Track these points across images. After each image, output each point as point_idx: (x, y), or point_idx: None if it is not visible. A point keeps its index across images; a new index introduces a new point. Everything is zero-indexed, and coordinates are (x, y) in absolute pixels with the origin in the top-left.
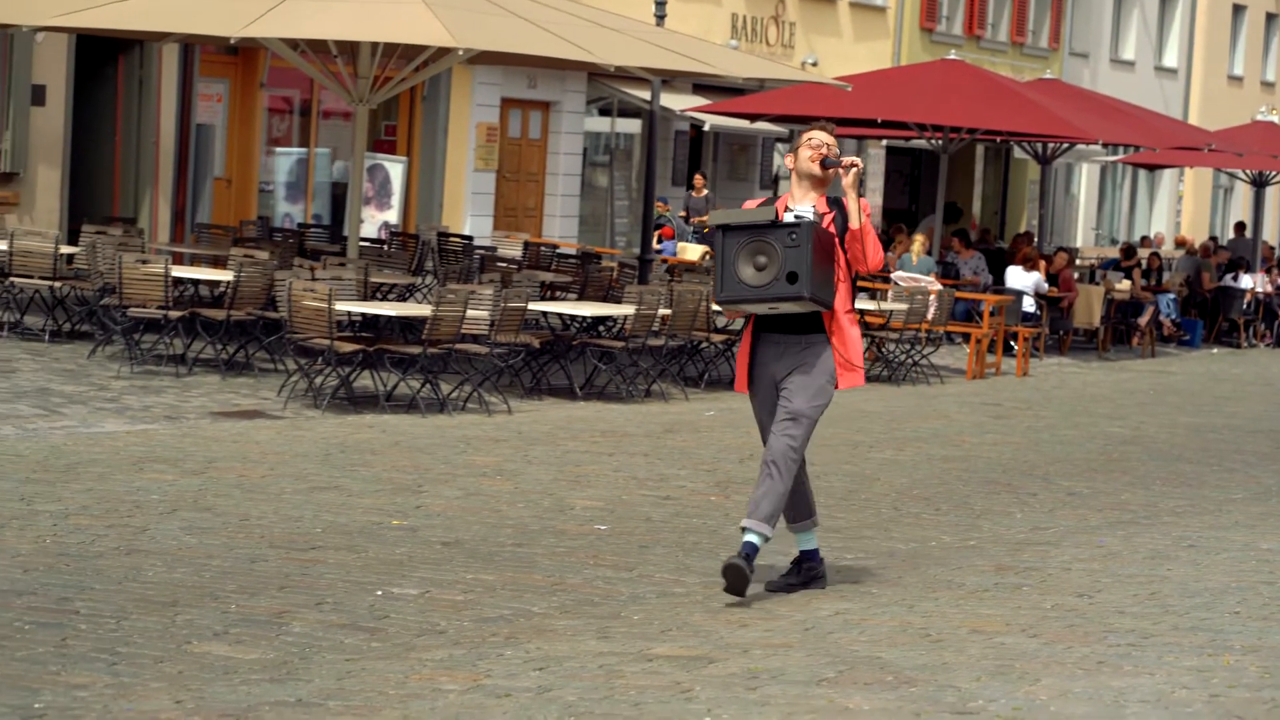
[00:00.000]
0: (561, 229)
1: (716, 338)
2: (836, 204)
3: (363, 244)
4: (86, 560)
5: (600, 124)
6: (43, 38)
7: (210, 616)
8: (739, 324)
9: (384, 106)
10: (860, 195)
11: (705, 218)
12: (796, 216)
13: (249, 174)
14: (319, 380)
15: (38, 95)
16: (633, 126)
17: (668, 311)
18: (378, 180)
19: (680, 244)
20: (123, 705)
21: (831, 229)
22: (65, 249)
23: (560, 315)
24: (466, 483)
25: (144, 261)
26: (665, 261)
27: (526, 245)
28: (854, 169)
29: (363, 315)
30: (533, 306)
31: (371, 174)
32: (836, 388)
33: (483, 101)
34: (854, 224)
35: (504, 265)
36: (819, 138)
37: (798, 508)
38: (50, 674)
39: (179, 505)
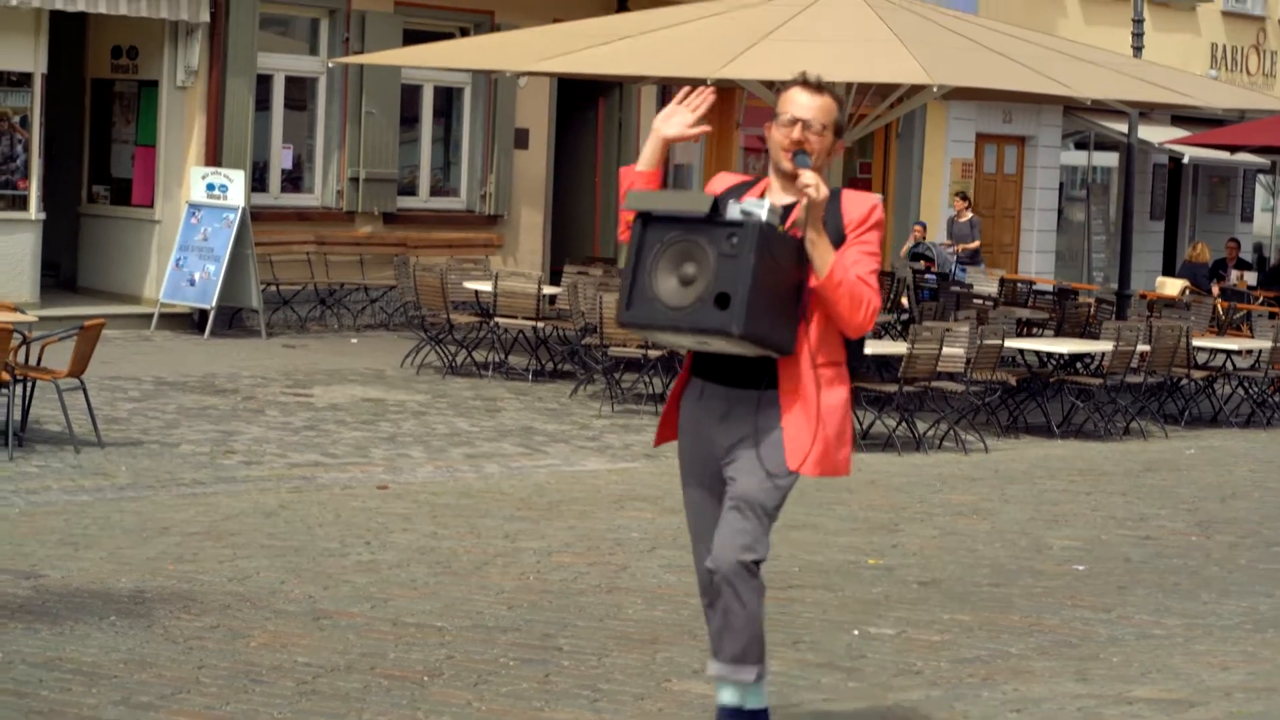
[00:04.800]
0: (1038, 265)
1: (1197, 374)
2: (835, 197)
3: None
4: (569, 597)
5: (1077, 158)
6: (525, 82)
7: (689, 654)
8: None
9: (859, 143)
10: (864, 227)
11: (973, 245)
12: (744, 211)
13: None
14: None
15: (520, 139)
16: (1110, 160)
17: (1146, 348)
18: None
19: (1160, 278)
20: None
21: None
22: (547, 289)
23: (1037, 352)
24: (943, 521)
25: None
26: (1144, 296)
27: (1002, 281)
28: (808, 190)
29: None
30: (1009, 343)
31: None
32: (796, 469)
33: (958, 137)
34: (818, 275)
35: (980, 302)
36: (800, 104)
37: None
38: (534, 709)
39: (658, 543)
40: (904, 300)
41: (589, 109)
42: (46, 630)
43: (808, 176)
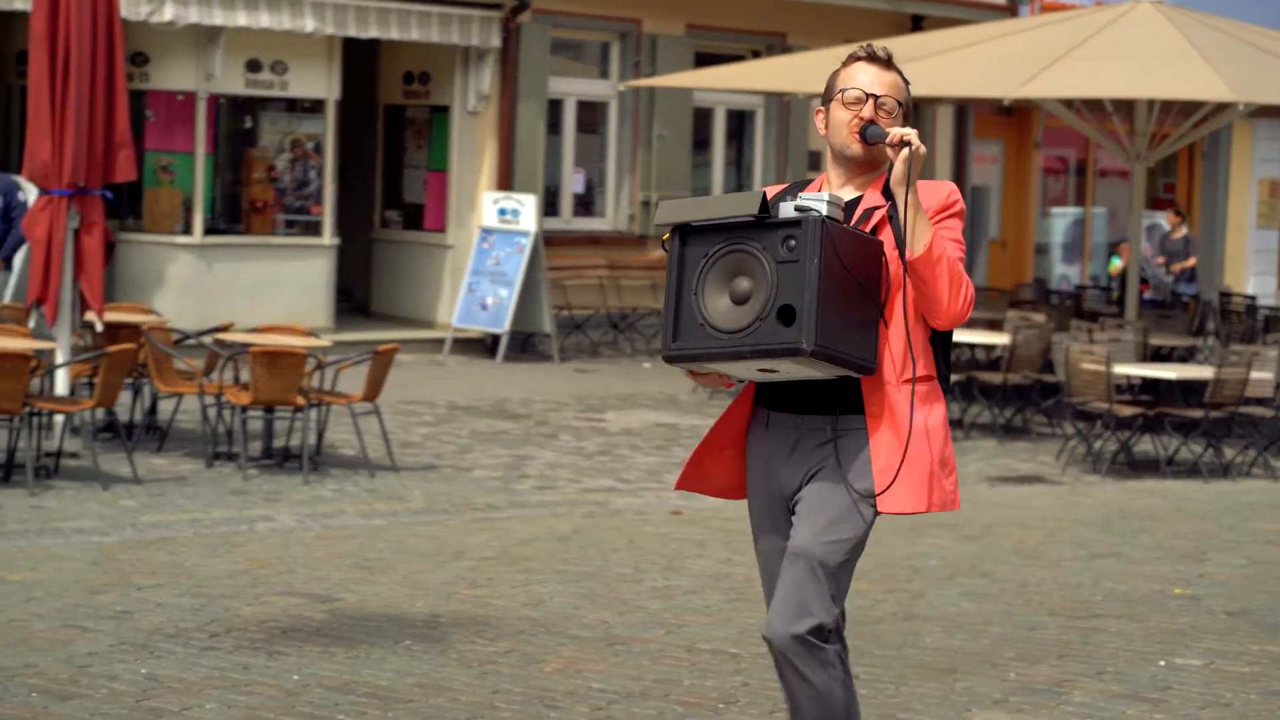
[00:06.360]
0: None
1: None
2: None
3: (1142, 305)
4: (865, 625)
5: None
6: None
7: (989, 684)
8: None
9: (1162, 163)
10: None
11: (1189, 262)
12: (800, 207)
13: (1024, 235)
14: (1098, 444)
15: (814, 161)
16: None
17: None
18: (1156, 239)
19: None
20: None
21: (881, 232)
22: None
23: None
24: (1252, 550)
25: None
26: None
27: None
28: (907, 147)
29: (1142, 378)
30: None
31: (1150, 233)
32: (877, 510)
33: (1266, 156)
34: (914, 249)
35: None
36: (860, 81)
37: None
38: None
39: (957, 571)
40: (1209, 324)
41: None
42: (342, 654)
43: (902, 131)
